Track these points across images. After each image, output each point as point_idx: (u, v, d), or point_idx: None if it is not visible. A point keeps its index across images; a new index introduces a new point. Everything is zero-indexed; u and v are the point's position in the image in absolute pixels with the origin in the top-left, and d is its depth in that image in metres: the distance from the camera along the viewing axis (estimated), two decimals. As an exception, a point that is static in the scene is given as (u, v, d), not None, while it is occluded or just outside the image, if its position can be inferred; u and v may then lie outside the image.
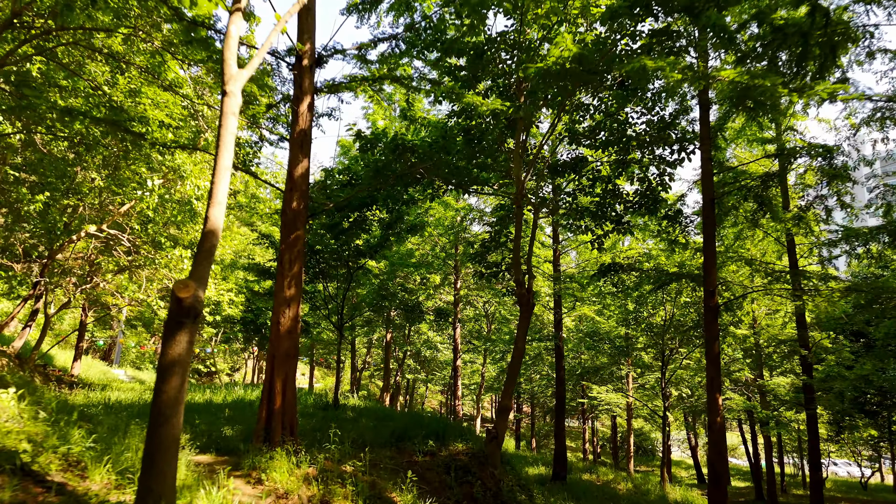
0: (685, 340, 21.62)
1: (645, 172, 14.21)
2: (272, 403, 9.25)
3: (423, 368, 39.02)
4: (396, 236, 16.01)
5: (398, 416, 14.58)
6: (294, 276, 9.57)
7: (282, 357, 9.38)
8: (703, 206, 12.65)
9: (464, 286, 24.26)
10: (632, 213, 14.81)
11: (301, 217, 9.73)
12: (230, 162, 5.48)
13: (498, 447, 11.54)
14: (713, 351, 12.06)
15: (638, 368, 26.35)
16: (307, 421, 13.25)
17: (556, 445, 18.69)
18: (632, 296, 19.72)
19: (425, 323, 33.80)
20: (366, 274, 16.58)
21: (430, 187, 13.44)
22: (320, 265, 15.61)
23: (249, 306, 23.18)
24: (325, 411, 14.73)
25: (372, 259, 16.15)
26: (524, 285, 12.08)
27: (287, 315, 9.46)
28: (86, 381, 24.81)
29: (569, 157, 14.88)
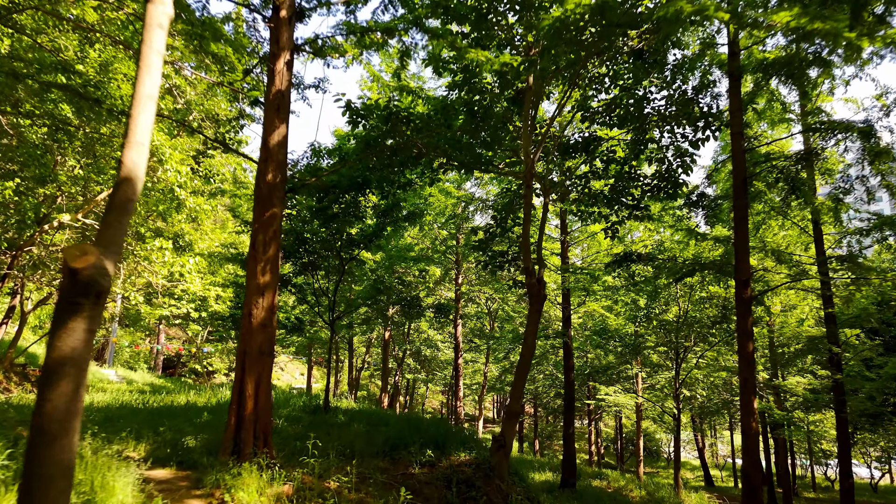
0: (700, 338, 20.14)
1: (664, 153, 12.77)
2: (242, 409, 7.79)
3: (424, 368, 37.54)
4: (393, 225, 14.56)
5: (394, 420, 13.11)
6: (269, 261, 8.11)
7: (255, 354, 7.92)
8: (734, 187, 11.17)
9: (465, 281, 22.79)
10: (649, 198, 13.35)
11: (278, 192, 8.27)
12: (155, 90, 4.03)
13: (506, 457, 10.07)
14: (746, 348, 10.59)
15: (647, 368, 24.88)
16: (292, 426, 11.78)
17: (564, 451, 17.21)
18: (646, 289, 18.23)
19: (425, 321, 32.34)
20: (360, 266, 15.13)
21: (428, 167, 11.98)
22: (309, 256, 14.16)
23: (239, 302, 21.70)
24: (314, 415, 13.28)
25: (366, 250, 14.71)
26: (534, 274, 10.61)
27: (261, 305, 8.00)
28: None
29: (580, 138, 13.42)
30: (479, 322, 30.18)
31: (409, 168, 11.90)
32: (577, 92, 12.92)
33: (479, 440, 12.59)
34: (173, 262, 16.51)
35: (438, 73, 10.73)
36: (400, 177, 12.03)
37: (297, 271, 14.54)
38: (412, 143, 10.30)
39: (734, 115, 11.31)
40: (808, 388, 20.05)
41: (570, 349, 17.47)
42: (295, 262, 14.19)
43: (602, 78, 12.30)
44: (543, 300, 10.59)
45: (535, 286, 10.48)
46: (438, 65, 10.54)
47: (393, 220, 14.47)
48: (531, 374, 31.58)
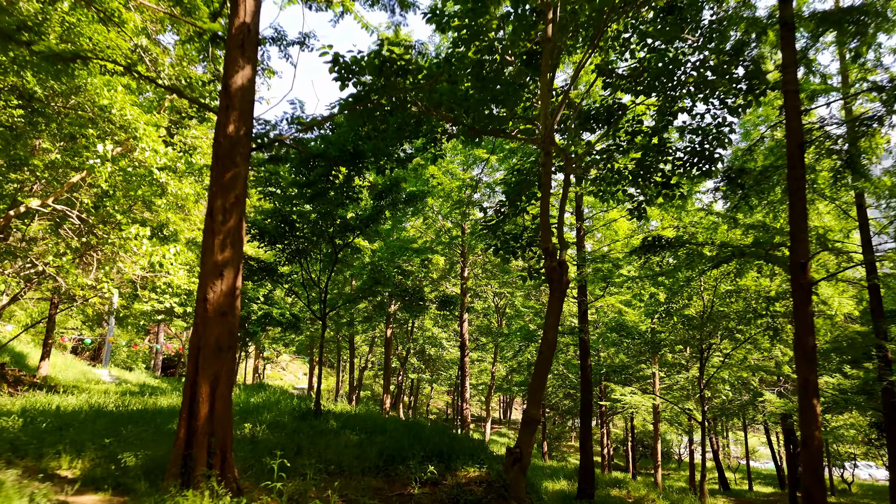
0: (726, 335, 18.33)
1: (699, 122, 11.04)
2: (194, 419, 6.07)
3: (428, 368, 35.78)
4: (392, 208, 12.84)
5: (392, 426, 11.38)
6: (230, 233, 6.39)
7: (211, 349, 6.20)
8: (788, 154, 9.38)
9: (472, 275, 21.04)
10: (679, 176, 11.58)
11: (241, 148, 6.55)
12: None
13: (523, 472, 8.31)
14: (806, 343, 8.79)
15: (666, 367, 23.08)
16: (274, 435, 10.06)
17: (581, 458, 15.45)
18: (667, 282, 16.41)
19: (429, 318, 30.58)
20: (356, 255, 13.40)
21: (430, 136, 10.26)
22: (297, 241, 12.46)
23: (231, 298, 20.04)
24: (302, 421, 11.55)
25: (362, 236, 12.98)
26: (555, 256, 8.86)
27: (218, 288, 6.28)
28: (53, 382, 21.73)
29: (602, 107, 11.66)
30: (486, 319, 28.40)
31: (406, 137, 10.17)
32: (597, 56, 11.27)
33: (490, 451, 10.83)
34: (152, 252, 14.83)
35: (441, 30, 9.02)
36: (397, 148, 10.29)
37: (285, 259, 12.84)
38: (410, 102, 8.56)
39: (787, 70, 9.51)
40: (837, 389, 18.23)
41: (587, 347, 15.70)
42: (283, 248, 12.49)
43: (628, 38, 10.64)
44: (566, 287, 8.83)
45: (555, 270, 8.73)
46: (441, 20, 8.86)
47: (392, 203, 12.76)
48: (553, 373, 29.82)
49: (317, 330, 30.12)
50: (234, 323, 6.41)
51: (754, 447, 49.92)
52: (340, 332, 29.82)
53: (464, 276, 19.83)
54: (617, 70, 11.06)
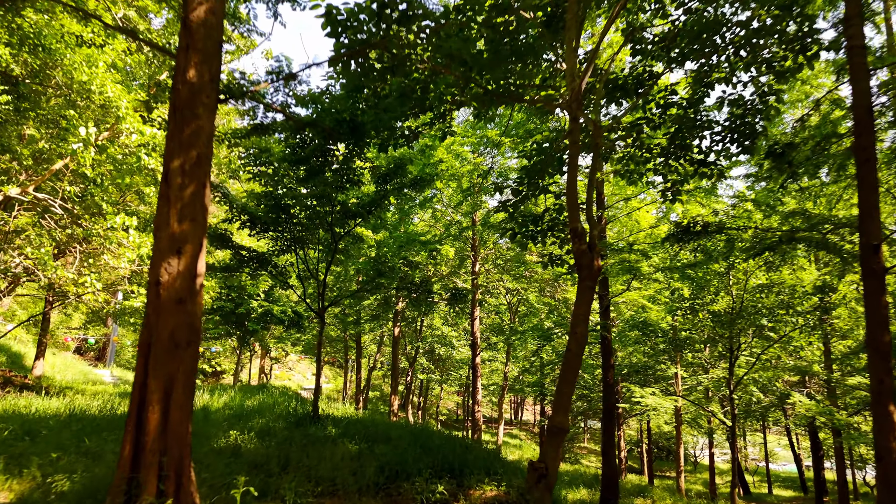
0: (757, 332, 16.85)
1: (741, 92, 9.68)
2: (142, 433, 4.77)
3: (438, 368, 34.42)
4: (397, 193, 11.52)
5: (397, 434, 10.05)
6: (191, 200, 5.09)
7: (164, 345, 4.90)
8: (855, 120, 7.96)
9: (483, 270, 19.68)
10: (717, 153, 10.17)
11: (204, 96, 5.25)
12: None
13: (549, 490, 6.95)
14: (881, 340, 7.37)
15: (691, 368, 21.61)
16: (262, 445, 8.75)
17: (603, 467, 14.05)
18: (706, 271, 14.95)
19: (438, 316, 29.23)
20: (357, 244, 12.08)
21: (438, 106, 8.94)
22: (294, 230, 11.17)
23: (229, 294, 18.79)
24: (297, 428, 10.24)
25: (365, 224, 11.68)
26: (584, 238, 7.51)
27: (175, 269, 4.98)
28: (47, 383, 20.61)
29: (631, 75, 10.27)
30: (498, 317, 27.01)
31: (411, 109, 8.85)
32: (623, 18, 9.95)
33: (507, 462, 9.47)
34: (140, 244, 13.59)
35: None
36: (401, 121, 8.97)
37: (279, 249, 11.55)
38: (415, 59, 7.24)
39: (850, 24, 8.12)
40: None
41: (609, 346, 14.30)
42: (277, 237, 11.21)
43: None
44: (598, 273, 7.47)
45: (585, 254, 7.37)
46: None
47: (397, 188, 11.44)
48: (553, 375, 28.32)
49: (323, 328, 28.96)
50: (195, 313, 5.11)
51: (770, 449, 48.14)
52: (347, 331, 28.56)
53: (475, 272, 18.48)
54: (647, 33, 9.76)
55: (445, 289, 12.14)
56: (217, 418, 11.39)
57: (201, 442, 8.46)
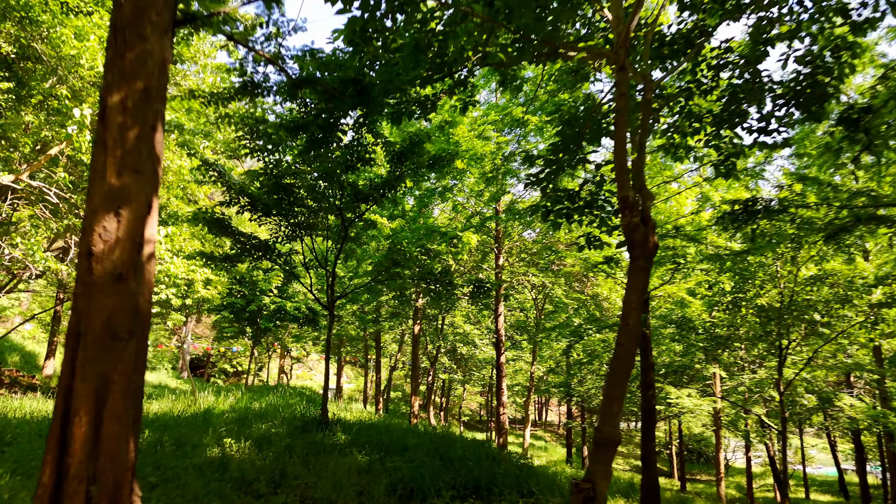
0: (810, 328, 15.22)
1: (808, 48, 8.22)
2: (67, 453, 3.53)
3: (460, 367, 33.07)
4: (413, 174, 10.22)
5: (414, 442, 8.75)
6: (134, 147, 3.83)
7: (97, 337, 3.64)
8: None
9: (506, 264, 18.29)
10: (780, 119, 8.67)
11: (154, 13, 3.98)
12: None
13: (595, 518, 5.55)
14: None
15: (727, 367, 19.98)
16: (259, 456, 7.50)
17: (643, 476, 12.57)
18: (765, 254, 13.37)
19: (460, 314, 27.87)
20: (370, 230, 10.80)
21: (459, 65, 7.62)
22: (299, 214, 9.93)
23: (240, 290, 17.67)
24: (302, 434, 8.99)
25: (378, 207, 10.39)
26: (636, 209, 6.11)
27: (110, 234, 3.72)
28: (55, 384, 19.77)
29: (679, 30, 8.83)
30: (523, 314, 25.55)
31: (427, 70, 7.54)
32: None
33: (540, 476, 8.08)
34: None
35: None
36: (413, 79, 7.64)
37: (284, 237, 10.32)
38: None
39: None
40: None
41: (648, 344, 12.85)
42: (279, 222, 9.98)
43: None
44: (654, 252, 6.06)
45: (638, 229, 5.98)
46: None
47: (413, 168, 10.14)
48: (580, 375, 26.75)
49: (342, 328, 27.70)
50: (142, 293, 3.84)
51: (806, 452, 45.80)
52: (367, 329, 27.37)
53: (499, 265, 17.12)
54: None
55: (468, 281, 10.79)
56: (218, 423, 10.21)
57: (186, 453, 7.25)
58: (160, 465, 6.44)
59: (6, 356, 22.14)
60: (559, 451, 39.76)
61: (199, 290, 14.83)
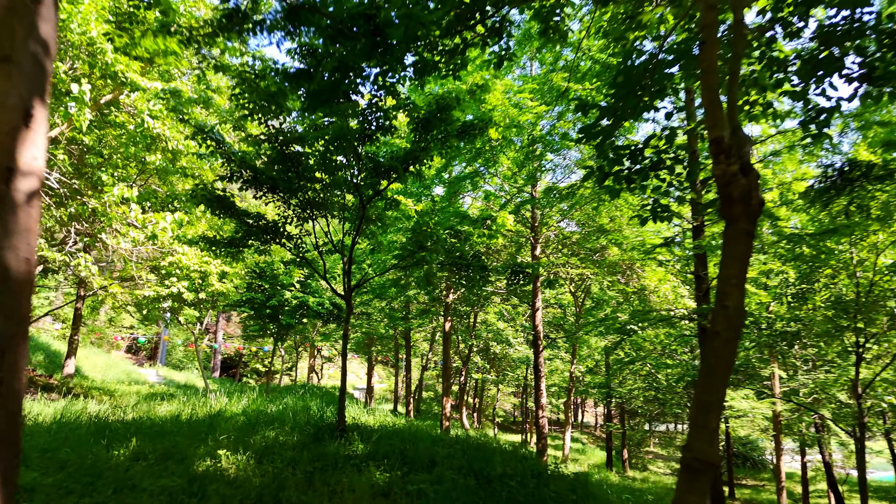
0: (893, 323, 13.27)
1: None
2: None
3: (493, 367, 31.49)
4: (441, 144, 8.75)
5: (444, 452, 7.29)
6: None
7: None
8: None
9: (543, 255, 16.68)
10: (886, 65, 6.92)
11: None
12: None
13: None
14: None
15: (796, 366, 18.01)
16: (258, 471, 6.12)
17: (711, 493, 10.83)
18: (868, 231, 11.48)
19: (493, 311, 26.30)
20: (391, 210, 9.33)
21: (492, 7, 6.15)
22: (309, 190, 8.57)
23: (261, 285, 16.47)
24: (314, 444, 7.61)
25: (400, 183, 8.95)
26: (733, 156, 4.52)
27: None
28: (79, 383, 18.90)
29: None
30: (561, 311, 23.86)
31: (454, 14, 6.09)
32: None
33: (600, 498, 6.52)
34: (144, 221, 11.32)
35: None
36: (440, 18, 6.18)
37: (293, 215, 8.97)
38: None
39: None
40: None
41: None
42: (286, 199, 8.62)
43: None
44: (759, 211, 4.45)
45: (736, 181, 4.37)
46: None
47: (441, 138, 8.68)
48: (621, 374, 24.91)
49: (371, 326, 26.37)
50: (12, 248, 2.45)
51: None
52: (397, 327, 26.00)
53: (535, 256, 15.54)
54: None
55: (505, 266, 9.24)
56: (226, 428, 8.93)
57: (167, 469, 5.92)
58: (125, 485, 5.14)
59: (31, 356, 21.43)
60: (598, 454, 37.82)
61: (213, 284, 13.65)
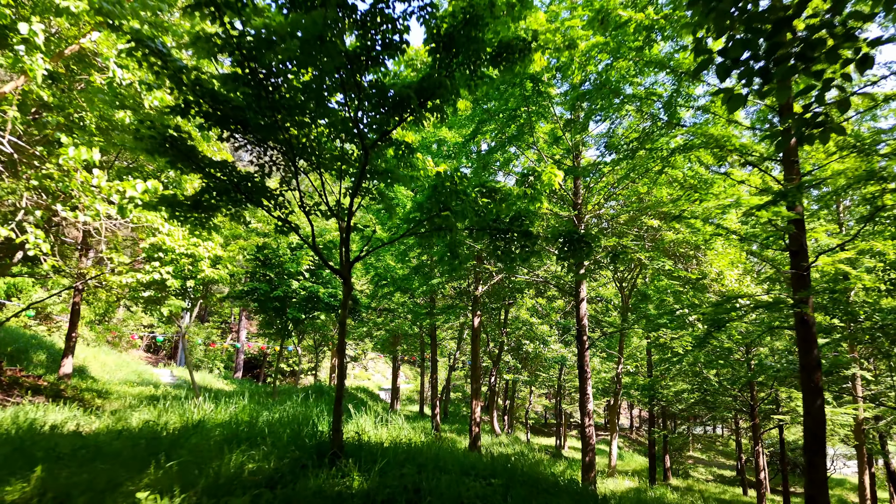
0: None
1: None
2: None
3: (525, 367, 28.92)
4: (467, 71, 6.37)
5: (478, 486, 4.91)
6: None
7: None
8: None
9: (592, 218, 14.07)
10: None
11: None
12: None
13: None
14: None
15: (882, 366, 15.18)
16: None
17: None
18: None
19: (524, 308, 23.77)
20: (403, 160, 6.92)
21: None
22: (290, 130, 6.27)
23: (266, 273, 14.29)
24: (298, 476, 5.29)
25: (415, 124, 6.55)
26: None
27: None
28: (77, 384, 16.97)
29: None
30: (605, 305, 21.17)
31: None
32: None
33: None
34: (109, 189, 9.16)
35: None
36: None
37: (270, 163, 6.67)
38: None
39: None
40: None
41: (811, 332, 8.48)
42: (259, 141, 6.29)
43: None
44: None
45: None
46: None
47: (468, 62, 6.31)
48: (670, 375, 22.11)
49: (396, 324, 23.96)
50: None
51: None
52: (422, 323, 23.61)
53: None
54: None
55: (557, 233, 6.79)
56: (189, 447, 6.69)
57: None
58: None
59: (31, 354, 19.67)
60: (637, 459, 34.89)
61: (203, 270, 11.46)
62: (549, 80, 10.82)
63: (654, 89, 9.08)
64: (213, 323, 42.05)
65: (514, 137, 11.86)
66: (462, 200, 6.74)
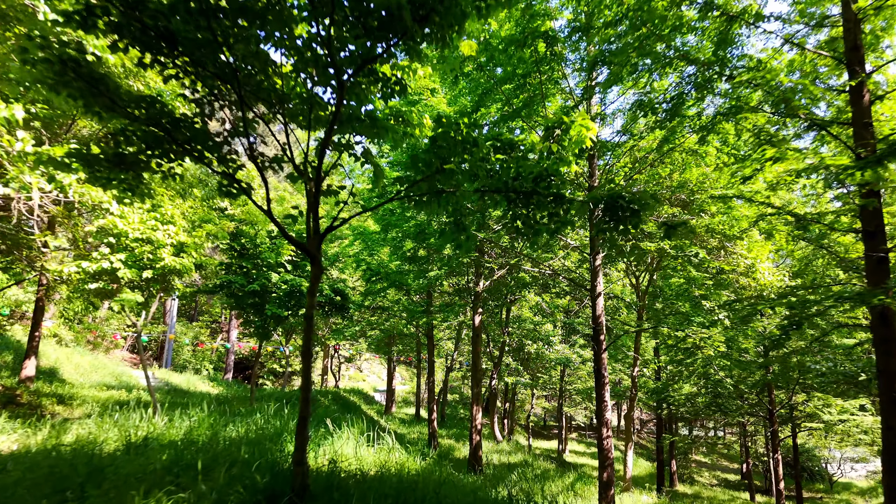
0: None
1: None
2: None
3: (527, 369, 27.18)
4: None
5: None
6: None
7: None
8: None
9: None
10: None
11: None
12: None
13: None
14: None
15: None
16: None
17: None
18: None
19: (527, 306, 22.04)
20: (391, 101, 5.18)
21: None
22: (229, 44, 4.51)
23: (243, 265, 12.55)
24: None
25: (413, 59, 4.82)
26: None
27: None
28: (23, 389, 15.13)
29: None
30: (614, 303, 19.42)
31: None
32: None
33: None
34: (40, 155, 7.39)
35: None
36: None
37: (207, 98, 4.94)
38: None
39: None
40: None
41: (893, 330, 6.83)
42: (197, 63, 4.54)
43: None
44: None
45: None
46: None
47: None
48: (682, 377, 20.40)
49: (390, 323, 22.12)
50: None
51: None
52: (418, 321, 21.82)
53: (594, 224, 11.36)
54: None
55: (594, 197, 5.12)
56: (129, 480, 4.98)
57: None
58: None
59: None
60: (642, 464, 33.23)
61: (163, 258, 9.70)
62: (563, 42, 9.19)
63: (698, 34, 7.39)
64: (202, 322, 40.20)
65: (522, 109, 10.16)
66: (471, 154, 5.03)
